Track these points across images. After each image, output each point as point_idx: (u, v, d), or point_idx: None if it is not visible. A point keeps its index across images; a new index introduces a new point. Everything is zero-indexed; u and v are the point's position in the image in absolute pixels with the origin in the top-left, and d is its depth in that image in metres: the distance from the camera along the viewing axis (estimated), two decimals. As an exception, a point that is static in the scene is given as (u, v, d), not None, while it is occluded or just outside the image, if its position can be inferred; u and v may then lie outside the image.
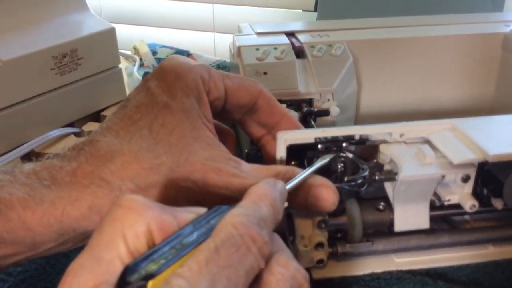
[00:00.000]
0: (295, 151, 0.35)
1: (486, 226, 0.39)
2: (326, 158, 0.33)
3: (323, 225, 0.34)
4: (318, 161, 0.33)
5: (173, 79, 0.32)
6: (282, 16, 0.97)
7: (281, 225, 0.31)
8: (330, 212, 0.31)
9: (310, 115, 0.46)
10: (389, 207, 0.37)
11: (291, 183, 0.28)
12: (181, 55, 0.45)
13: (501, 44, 0.54)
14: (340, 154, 0.35)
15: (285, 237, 0.36)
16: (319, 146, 0.35)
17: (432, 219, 0.37)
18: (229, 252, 0.20)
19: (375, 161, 0.37)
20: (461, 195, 0.36)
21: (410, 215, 0.36)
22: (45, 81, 0.53)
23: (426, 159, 0.34)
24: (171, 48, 0.83)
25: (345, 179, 0.34)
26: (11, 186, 0.28)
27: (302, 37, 0.53)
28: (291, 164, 0.36)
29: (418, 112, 0.55)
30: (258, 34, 0.55)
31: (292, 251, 0.35)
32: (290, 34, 0.55)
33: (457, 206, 0.36)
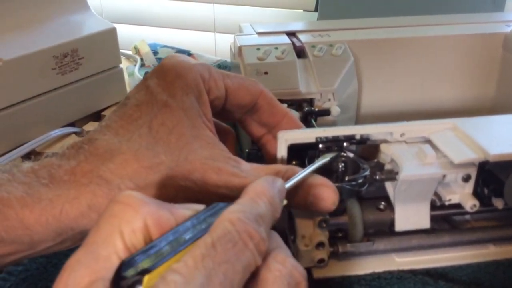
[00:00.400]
0: (296, 151, 0.35)
1: (487, 226, 0.39)
2: (326, 157, 0.33)
3: (324, 224, 0.34)
4: (318, 160, 0.33)
5: (173, 78, 0.32)
6: (283, 16, 0.97)
7: (281, 224, 0.31)
8: (330, 212, 0.31)
9: (311, 115, 0.46)
10: (389, 206, 0.37)
11: (291, 182, 0.28)
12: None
13: (502, 44, 0.54)
14: (341, 153, 0.35)
15: (286, 237, 0.36)
16: (320, 146, 0.35)
17: (433, 218, 0.37)
18: (226, 247, 0.20)
19: (376, 160, 0.37)
20: (461, 195, 0.36)
21: (411, 215, 0.36)
22: (46, 80, 0.53)
23: (427, 159, 0.34)
24: (172, 48, 0.83)
25: (346, 178, 0.34)
26: (9, 185, 0.28)
27: (303, 37, 0.53)
28: (292, 164, 0.36)
29: (419, 112, 0.55)
30: (259, 34, 0.55)
31: (293, 250, 0.35)
32: (291, 34, 0.55)
33: (458, 205, 0.36)
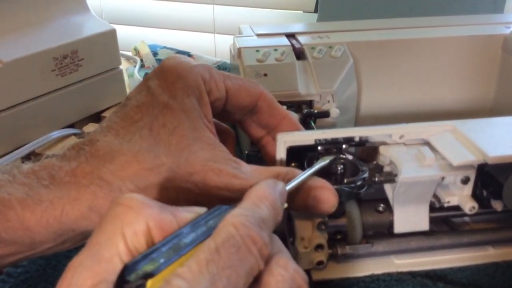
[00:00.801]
0: (295, 153, 0.35)
1: (486, 228, 0.39)
2: (326, 160, 0.33)
3: (323, 226, 0.34)
4: (318, 162, 0.33)
5: (174, 79, 0.32)
6: (283, 17, 0.98)
7: (281, 226, 0.31)
8: (329, 214, 0.31)
9: (310, 117, 0.46)
10: (388, 208, 0.37)
11: (291, 184, 0.28)
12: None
13: (502, 46, 0.54)
14: (340, 155, 0.35)
15: (285, 239, 0.36)
16: (319, 148, 0.35)
17: (432, 220, 0.37)
18: (229, 252, 0.20)
19: (374, 162, 0.37)
20: (460, 197, 0.36)
21: (410, 217, 0.36)
22: (46, 82, 0.53)
23: (426, 161, 0.35)
24: (172, 49, 0.83)
25: (345, 180, 0.34)
26: (10, 186, 0.28)
27: (302, 39, 0.53)
28: (291, 166, 0.36)
29: (418, 114, 0.55)
30: (259, 35, 0.55)
31: (292, 252, 0.35)
32: (290, 36, 0.55)
33: (457, 207, 0.36)
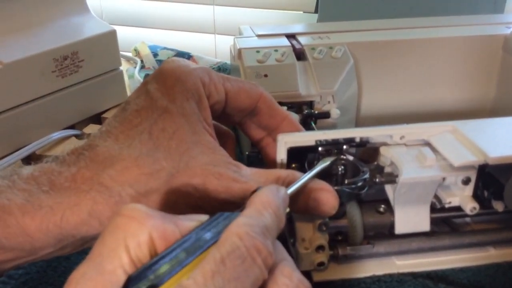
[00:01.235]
0: (296, 154, 0.35)
1: (487, 229, 0.39)
2: (326, 161, 0.33)
3: (324, 227, 0.34)
4: (318, 164, 0.33)
5: (173, 83, 0.32)
6: (283, 18, 0.97)
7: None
8: (330, 215, 0.31)
9: (311, 117, 0.46)
10: (389, 209, 0.37)
11: (292, 188, 0.28)
12: (182, 57, 0.45)
13: (502, 46, 0.54)
14: (341, 156, 0.35)
15: (286, 240, 0.36)
16: (320, 149, 0.35)
17: (433, 221, 0.37)
18: (235, 264, 0.20)
19: (375, 163, 0.37)
20: (461, 198, 0.36)
21: (411, 218, 0.36)
22: (46, 83, 0.53)
23: (427, 162, 0.34)
24: (172, 50, 0.83)
25: (346, 181, 0.34)
26: (9, 192, 0.27)
27: (302, 39, 0.53)
28: (292, 167, 0.36)
29: (418, 114, 0.55)
30: (259, 36, 0.55)
31: (292, 253, 0.35)
32: (290, 36, 0.55)
33: (458, 208, 0.36)
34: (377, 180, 0.35)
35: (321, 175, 0.32)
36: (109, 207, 0.28)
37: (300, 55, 0.52)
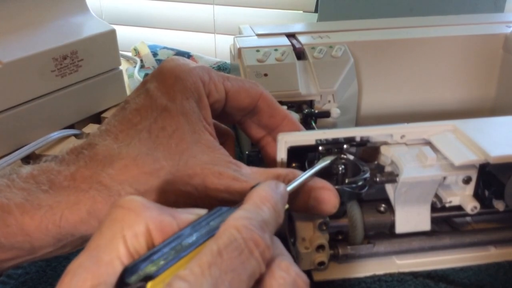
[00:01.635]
0: (296, 153, 0.35)
1: (488, 228, 0.39)
2: (326, 160, 0.33)
3: (324, 227, 0.34)
4: (318, 163, 0.33)
5: (173, 82, 0.32)
6: (283, 17, 0.97)
7: (282, 227, 0.31)
8: (331, 214, 0.31)
9: (311, 117, 0.46)
10: (390, 209, 0.37)
11: (292, 185, 0.28)
12: (181, 56, 0.45)
13: (502, 45, 0.54)
14: (341, 156, 0.35)
15: (286, 239, 0.35)
16: (320, 148, 0.35)
17: (434, 220, 0.37)
18: (232, 255, 0.20)
19: (376, 162, 0.37)
20: (462, 197, 0.35)
21: (411, 217, 0.36)
22: (46, 83, 0.53)
23: (427, 161, 0.34)
24: (172, 49, 0.83)
25: (346, 181, 0.34)
26: (8, 191, 0.27)
27: (302, 39, 0.53)
28: (292, 166, 0.36)
29: (419, 113, 0.55)
30: (259, 35, 0.55)
31: (293, 253, 0.35)
32: (290, 36, 0.55)
33: (459, 207, 0.36)
34: (377, 179, 0.35)
35: (322, 175, 0.31)
36: (108, 206, 0.28)
37: (300, 54, 0.51)
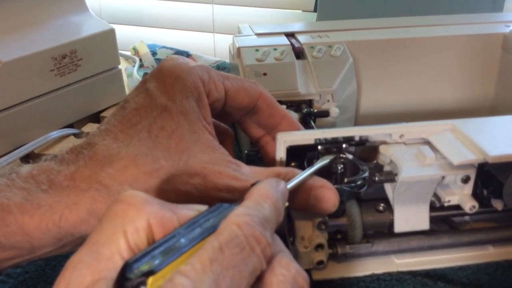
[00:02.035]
0: (295, 152, 0.35)
1: (486, 227, 0.39)
2: (326, 159, 0.33)
3: (323, 226, 0.34)
4: (318, 162, 0.33)
5: (173, 81, 0.31)
6: (282, 16, 0.97)
7: (281, 226, 0.31)
8: (330, 213, 0.31)
9: (310, 116, 0.46)
10: (389, 208, 0.37)
11: (292, 183, 0.28)
12: (180, 55, 0.45)
13: (501, 45, 0.54)
14: (340, 155, 0.35)
15: (285, 238, 0.36)
16: (319, 147, 0.35)
17: (432, 220, 0.37)
18: (234, 252, 0.20)
19: (375, 162, 0.37)
20: (461, 196, 0.36)
21: (410, 216, 0.36)
22: (45, 82, 0.53)
23: (426, 160, 0.34)
24: (171, 49, 0.83)
25: (345, 180, 0.34)
26: (8, 191, 0.27)
27: (301, 38, 0.53)
28: (291, 166, 0.36)
29: (418, 113, 0.55)
30: (258, 35, 0.55)
31: (292, 252, 0.35)
32: (289, 35, 0.55)
33: (457, 207, 0.36)
34: (376, 178, 0.35)
35: (321, 174, 0.32)
36: (108, 206, 0.28)
37: (299, 53, 0.52)
